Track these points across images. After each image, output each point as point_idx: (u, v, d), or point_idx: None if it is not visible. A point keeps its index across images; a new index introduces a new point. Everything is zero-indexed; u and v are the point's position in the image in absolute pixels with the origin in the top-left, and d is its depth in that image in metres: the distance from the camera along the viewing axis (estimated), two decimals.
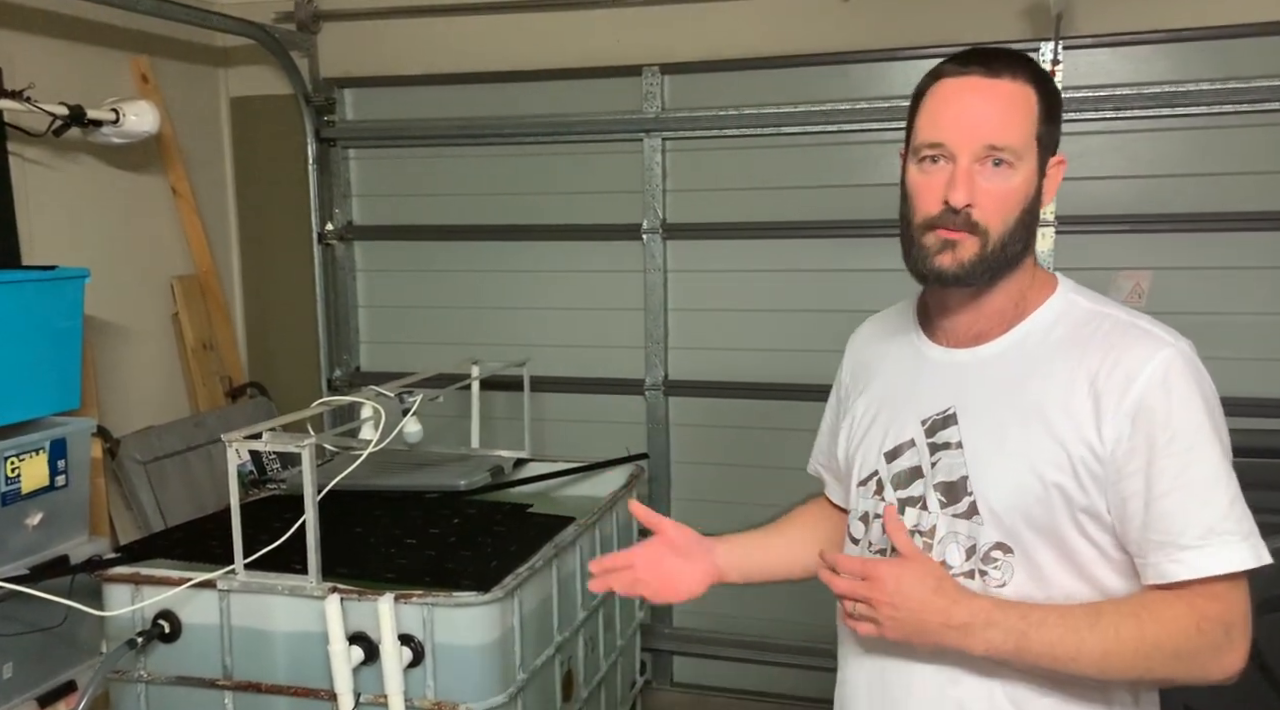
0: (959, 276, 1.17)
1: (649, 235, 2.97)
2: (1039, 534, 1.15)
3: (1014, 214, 1.16)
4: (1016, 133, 1.15)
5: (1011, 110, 1.16)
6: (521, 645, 1.96)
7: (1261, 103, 2.47)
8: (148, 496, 2.71)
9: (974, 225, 1.15)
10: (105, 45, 2.81)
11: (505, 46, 3.03)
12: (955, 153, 1.15)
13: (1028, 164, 1.16)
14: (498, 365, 2.77)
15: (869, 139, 2.78)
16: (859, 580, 1.15)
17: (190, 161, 3.09)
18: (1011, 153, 1.15)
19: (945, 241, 1.16)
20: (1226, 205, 2.54)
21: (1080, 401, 1.13)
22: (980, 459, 1.18)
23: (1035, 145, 1.17)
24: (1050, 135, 1.19)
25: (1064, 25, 2.49)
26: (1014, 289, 1.21)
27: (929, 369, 1.27)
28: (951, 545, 1.20)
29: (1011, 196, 1.16)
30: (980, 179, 1.15)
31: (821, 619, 2.91)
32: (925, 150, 1.18)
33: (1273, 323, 2.55)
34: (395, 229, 3.24)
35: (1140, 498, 1.11)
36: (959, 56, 1.20)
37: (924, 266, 1.19)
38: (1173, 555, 1.09)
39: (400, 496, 2.49)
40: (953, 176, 1.15)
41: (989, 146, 1.14)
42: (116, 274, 2.80)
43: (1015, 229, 1.16)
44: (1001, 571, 1.17)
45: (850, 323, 1.48)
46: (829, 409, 1.51)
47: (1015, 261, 1.19)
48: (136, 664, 1.97)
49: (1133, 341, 1.15)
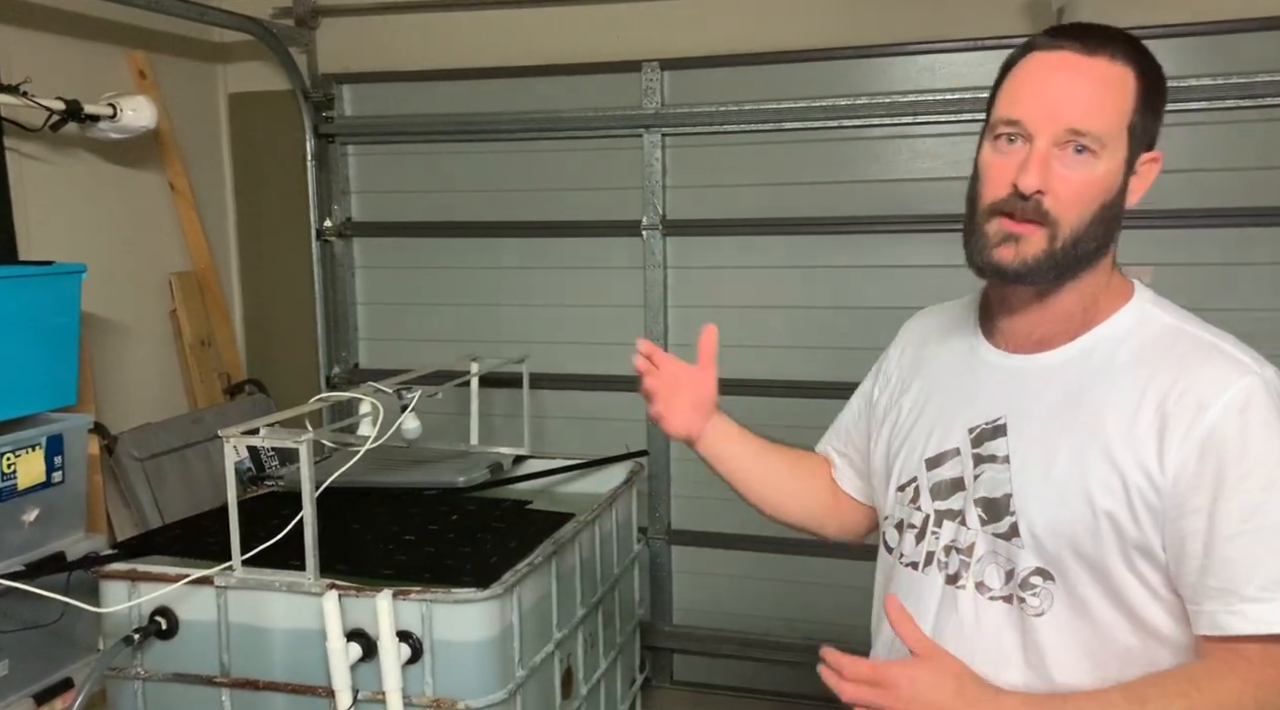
0: (1020, 273, 1.06)
1: (649, 231, 2.96)
2: (1084, 565, 1.06)
3: (1091, 208, 1.05)
4: (1105, 118, 1.04)
5: (1103, 92, 1.04)
6: (521, 642, 1.95)
7: (1264, 98, 2.46)
8: (145, 493, 2.70)
9: (1044, 214, 1.04)
10: (102, 40, 2.80)
11: (504, 42, 3.02)
12: (1033, 133, 1.04)
13: (1114, 155, 1.05)
14: (497, 362, 2.77)
15: (870, 134, 2.76)
16: (869, 686, 1.02)
17: (188, 157, 3.08)
18: (1096, 140, 1.03)
19: (1008, 233, 1.06)
20: (1229, 201, 2.53)
21: (1144, 426, 1.03)
22: (1027, 477, 1.09)
23: (1125, 135, 1.05)
24: (1146, 127, 1.07)
25: (1065, 20, 2.48)
26: (1085, 292, 1.10)
27: (983, 373, 1.17)
28: (990, 566, 1.12)
29: (1091, 188, 1.04)
30: (1058, 165, 1.04)
31: (823, 617, 2.93)
32: (1001, 127, 1.07)
33: (1264, 319, 2.52)
34: (394, 225, 3.23)
35: (1201, 538, 1.00)
36: (1056, 28, 1.10)
37: (981, 258, 1.08)
38: (1232, 605, 0.99)
39: (399, 493, 2.48)
40: (1027, 158, 1.04)
41: (1071, 130, 1.03)
42: (114, 270, 2.79)
43: (1090, 225, 1.05)
44: (1040, 600, 1.08)
45: (853, 319, 1.45)
46: (859, 394, 1.41)
47: (1087, 262, 1.08)
48: (133, 661, 1.96)
49: (1211, 364, 1.04)
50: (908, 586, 1.20)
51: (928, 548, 1.19)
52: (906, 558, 1.21)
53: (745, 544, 2.98)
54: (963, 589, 1.14)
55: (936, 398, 1.22)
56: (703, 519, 3.04)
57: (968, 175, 1.14)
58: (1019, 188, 1.04)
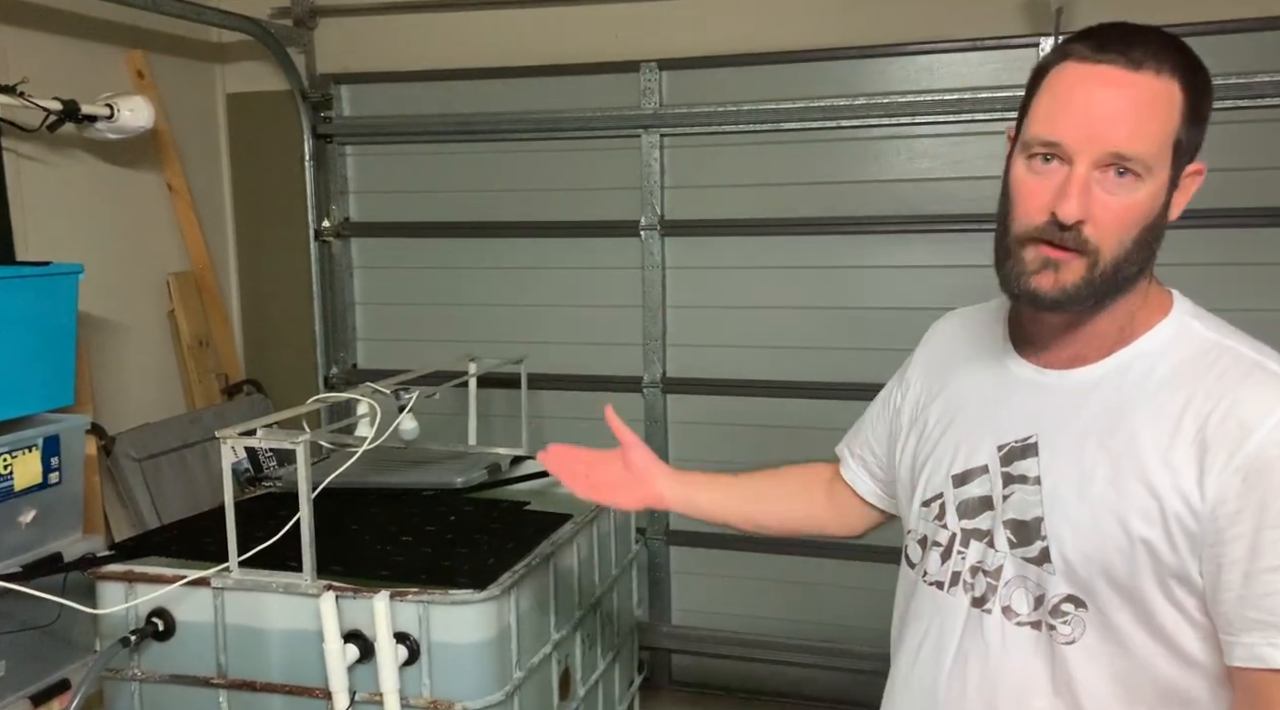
0: (1058, 301, 1.01)
1: (647, 232, 2.96)
2: (1118, 592, 1.01)
3: (1133, 233, 0.99)
4: (1151, 140, 0.97)
5: (1149, 112, 0.97)
6: (518, 643, 1.95)
7: (1264, 98, 2.46)
8: (143, 494, 2.70)
9: (1084, 242, 0.98)
10: (100, 40, 2.80)
11: (502, 42, 3.02)
12: (1073, 156, 0.98)
13: (1159, 176, 0.99)
14: (495, 362, 2.76)
15: (868, 135, 2.76)
16: None
17: (186, 158, 3.08)
18: (1141, 163, 0.97)
19: (1047, 259, 1.00)
20: (1226, 201, 2.52)
21: (1183, 448, 0.98)
22: (1059, 500, 1.04)
23: (1170, 153, 0.99)
24: (1192, 139, 1.01)
25: (1064, 20, 2.48)
26: (1122, 312, 1.05)
27: (1014, 388, 1.12)
28: (1019, 590, 1.07)
29: (1133, 213, 0.99)
30: (1099, 189, 0.98)
31: (821, 618, 2.93)
32: (1038, 147, 1.00)
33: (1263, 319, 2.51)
34: (392, 226, 3.22)
35: (1240, 568, 0.95)
36: (1095, 35, 1.00)
37: (1018, 285, 1.03)
38: (1273, 638, 0.94)
39: (396, 494, 2.48)
40: (1066, 183, 0.98)
41: (1115, 154, 0.97)
42: (111, 271, 2.79)
43: (1132, 250, 1.00)
44: (1071, 627, 1.04)
45: (852, 319, 1.44)
46: (880, 400, 1.37)
47: (1128, 285, 1.03)
48: (130, 662, 1.96)
49: (1255, 384, 0.98)
50: (932, 607, 1.17)
51: (953, 568, 1.14)
52: (931, 576, 1.17)
53: (743, 544, 2.98)
54: (989, 613, 1.10)
55: (965, 411, 1.17)
56: (701, 520, 3.03)
57: (966, 176, 1.12)
58: (1059, 217, 0.98)
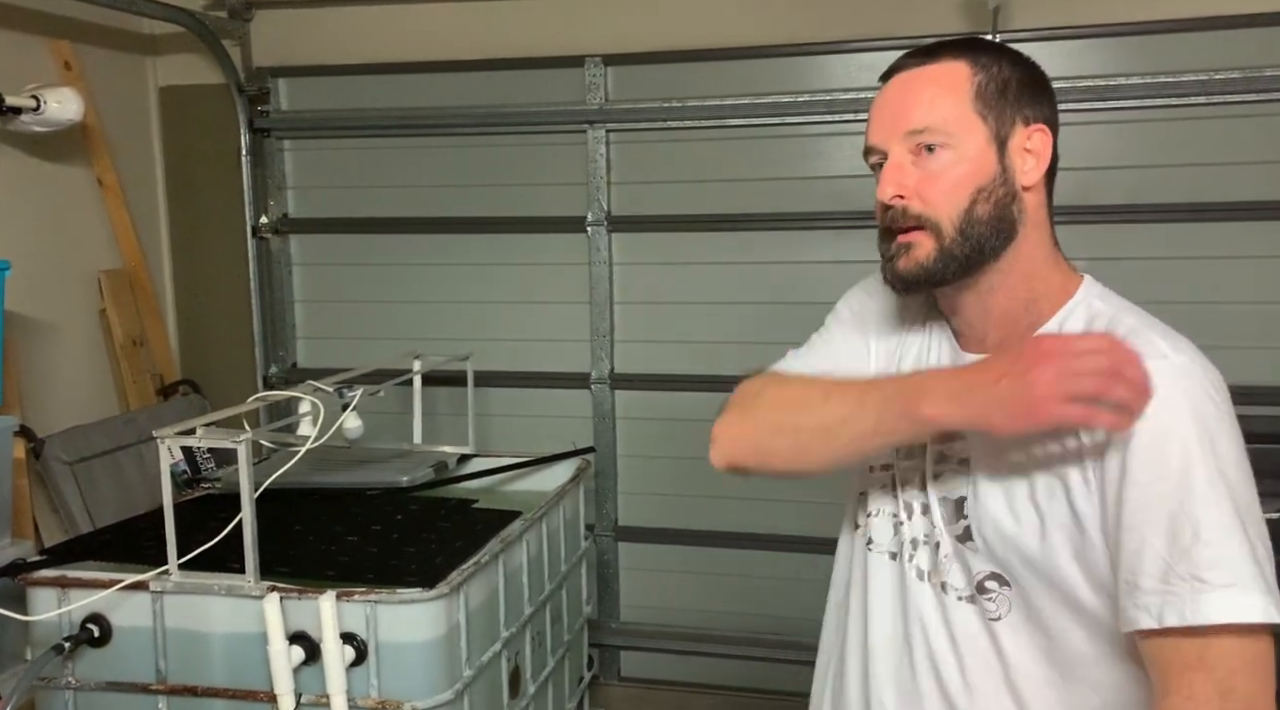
0: (920, 277, 1.08)
1: (594, 227, 2.95)
2: (1034, 572, 1.05)
3: (963, 196, 1.06)
4: (940, 111, 1.07)
5: (934, 90, 1.08)
6: (467, 642, 1.93)
7: (1188, 97, 2.54)
8: (74, 498, 2.62)
9: (918, 217, 1.07)
10: (25, 30, 2.70)
11: (445, 36, 2.99)
12: (886, 149, 1.10)
13: (968, 141, 1.07)
14: (440, 360, 2.73)
15: (812, 132, 2.78)
16: None
17: (117, 152, 2.99)
18: (938, 133, 1.07)
19: (899, 245, 1.09)
20: (1153, 197, 2.60)
21: None
22: (980, 481, 1.09)
23: (976, 120, 1.07)
24: (1000, 108, 1.08)
25: (1001, 19, 2.53)
26: (1018, 289, 1.11)
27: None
28: (955, 565, 1.12)
29: (952, 177, 1.06)
30: (916, 169, 1.08)
31: (769, 611, 2.95)
32: (869, 158, 1.13)
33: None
34: (332, 222, 3.17)
35: (1137, 533, 0.97)
36: (902, 58, 1.14)
37: (888, 274, 1.12)
38: (1139, 599, 0.96)
39: (341, 494, 2.44)
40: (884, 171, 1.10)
41: (911, 132, 1.07)
42: (40, 267, 2.70)
43: (971, 211, 1.06)
44: (997, 604, 1.09)
45: (797, 315, 1.43)
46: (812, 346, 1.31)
47: (992, 251, 1.08)
48: (64, 670, 1.90)
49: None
50: (878, 574, 1.20)
51: (899, 538, 1.18)
52: (878, 545, 1.20)
53: (692, 539, 2.99)
54: (932, 586, 1.14)
55: None
56: (650, 515, 3.05)
57: None
58: (883, 201, 1.09)
